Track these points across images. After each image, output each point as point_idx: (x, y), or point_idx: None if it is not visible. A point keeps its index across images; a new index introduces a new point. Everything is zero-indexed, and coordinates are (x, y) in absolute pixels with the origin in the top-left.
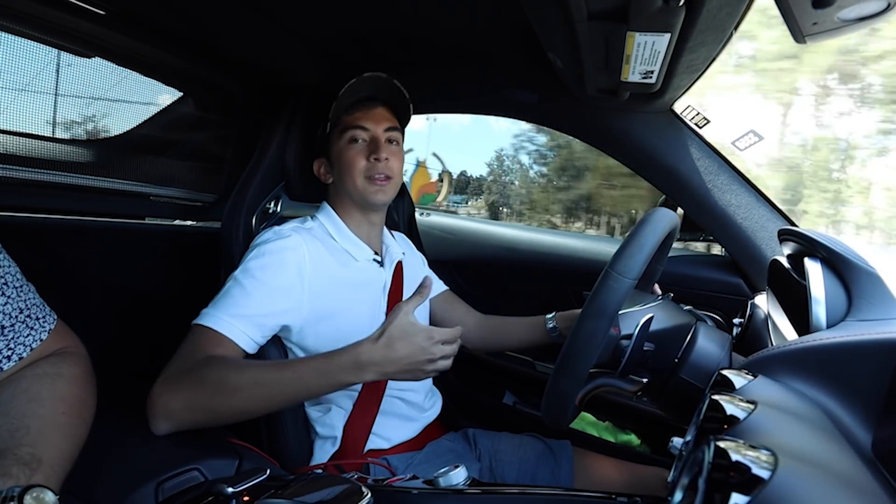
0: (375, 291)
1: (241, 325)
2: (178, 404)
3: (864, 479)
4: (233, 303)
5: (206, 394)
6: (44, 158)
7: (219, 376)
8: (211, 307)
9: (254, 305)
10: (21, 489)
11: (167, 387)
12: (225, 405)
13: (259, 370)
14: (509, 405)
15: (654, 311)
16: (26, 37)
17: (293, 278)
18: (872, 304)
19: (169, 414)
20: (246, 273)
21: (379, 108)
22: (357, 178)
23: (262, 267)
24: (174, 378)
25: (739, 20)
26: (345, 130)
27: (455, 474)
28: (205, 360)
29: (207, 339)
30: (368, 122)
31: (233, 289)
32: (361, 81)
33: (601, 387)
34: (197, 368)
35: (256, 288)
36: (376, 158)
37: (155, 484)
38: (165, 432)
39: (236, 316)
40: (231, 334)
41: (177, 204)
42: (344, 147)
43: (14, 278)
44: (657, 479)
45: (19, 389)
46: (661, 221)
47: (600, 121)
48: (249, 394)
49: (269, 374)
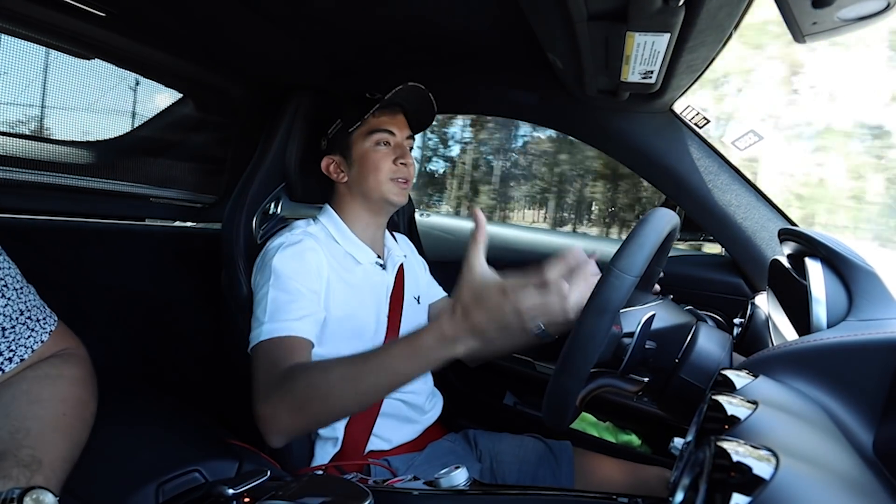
0: (378, 294)
1: (307, 324)
2: (281, 418)
3: (865, 479)
4: (287, 308)
5: (301, 402)
6: (44, 160)
7: (307, 383)
8: (268, 322)
9: (306, 304)
10: (21, 491)
11: (267, 407)
12: (323, 409)
13: (343, 367)
14: (510, 406)
15: (656, 309)
16: (26, 38)
17: (315, 278)
18: (873, 304)
19: (276, 428)
20: (280, 279)
21: (401, 115)
22: (382, 179)
23: (293, 270)
24: (266, 396)
25: (739, 20)
26: (372, 132)
27: (456, 475)
28: (288, 371)
29: (285, 348)
30: (394, 126)
31: (278, 298)
32: (406, 90)
33: (602, 387)
34: (284, 381)
35: (298, 288)
36: (403, 163)
37: (156, 485)
38: (281, 444)
39: (299, 318)
40: (305, 334)
41: (177, 205)
42: (370, 148)
43: (14, 280)
44: (658, 480)
45: (20, 391)
46: (662, 220)
47: (600, 121)
48: (342, 392)
49: (354, 369)
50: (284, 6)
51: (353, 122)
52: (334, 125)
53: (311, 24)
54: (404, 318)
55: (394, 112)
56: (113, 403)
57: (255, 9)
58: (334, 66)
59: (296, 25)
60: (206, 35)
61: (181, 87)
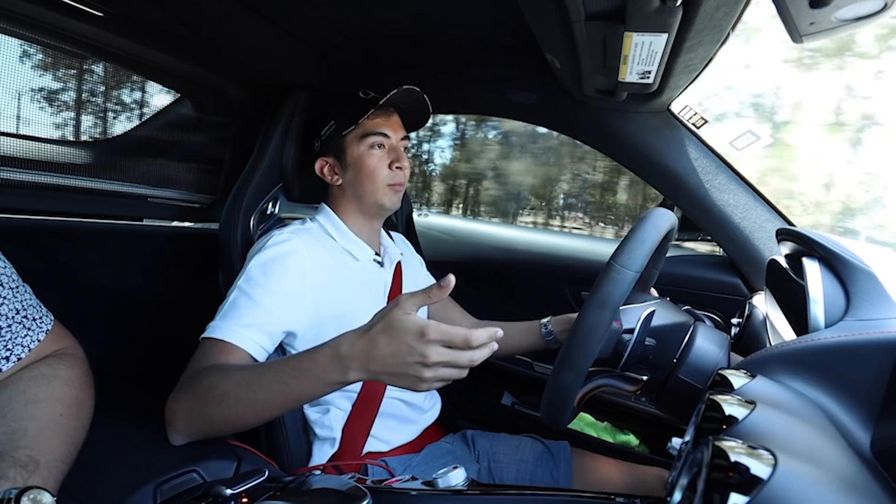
0: (377, 292)
1: (251, 333)
2: (180, 415)
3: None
4: (239, 312)
5: (199, 402)
6: (41, 160)
7: (209, 382)
8: (218, 319)
9: (261, 313)
10: (18, 491)
11: (172, 403)
12: (217, 413)
13: (242, 374)
14: (508, 406)
15: (655, 307)
16: (24, 38)
17: (296, 282)
18: (870, 304)
19: (175, 425)
20: (249, 281)
21: (395, 116)
22: (378, 185)
23: (266, 274)
24: (175, 392)
25: (736, 20)
26: (366, 135)
27: (454, 475)
28: (201, 371)
29: (217, 350)
30: (389, 128)
31: (238, 299)
32: (401, 93)
33: (600, 386)
34: (193, 380)
35: (262, 295)
36: (399, 167)
37: (154, 485)
38: (180, 443)
39: (246, 325)
40: (241, 343)
41: (174, 205)
42: (365, 152)
43: (10, 279)
44: (656, 480)
45: (17, 391)
46: (662, 219)
47: (598, 121)
48: (235, 398)
49: (251, 377)
50: (282, 6)
51: (348, 126)
52: (327, 126)
53: (308, 23)
54: None
55: (388, 113)
56: (110, 403)
57: (252, 9)
58: (332, 65)
59: (293, 25)
60: (204, 35)
61: (179, 86)
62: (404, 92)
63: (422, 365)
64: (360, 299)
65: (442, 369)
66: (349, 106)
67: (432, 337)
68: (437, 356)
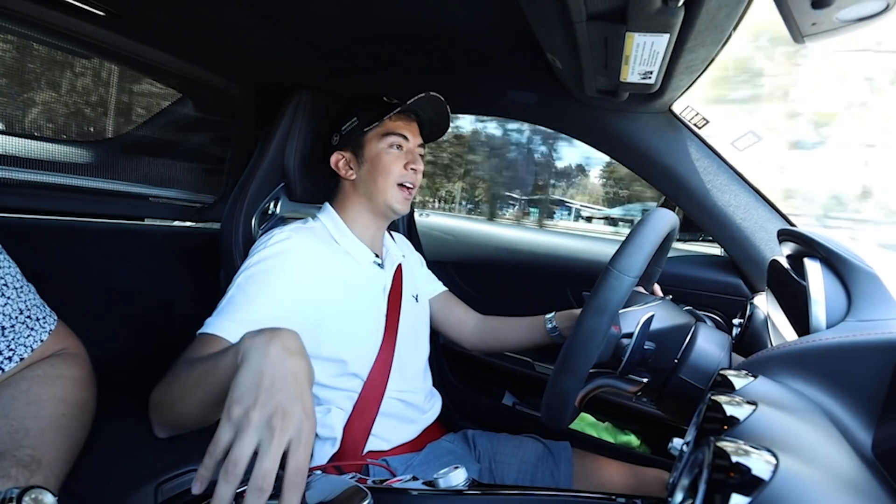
0: (376, 293)
1: (243, 327)
2: (152, 406)
3: (864, 480)
4: (236, 308)
5: (166, 390)
6: (43, 160)
7: (174, 373)
8: (215, 315)
9: (258, 309)
10: (20, 490)
11: (154, 394)
12: (177, 402)
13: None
14: (509, 406)
15: (655, 310)
16: (25, 38)
17: (296, 279)
18: (872, 305)
19: (151, 417)
20: (248, 278)
21: (415, 123)
22: (390, 182)
23: (264, 270)
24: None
25: (738, 21)
26: (387, 134)
27: (455, 475)
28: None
29: (207, 344)
30: (409, 132)
31: (236, 295)
32: (427, 99)
33: (601, 387)
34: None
35: (259, 292)
36: (413, 169)
37: (155, 485)
38: (163, 436)
39: (238, 320)
40: (230, 336)
41: (176, 205)
42: (383, 150)
43: (14, 279)
44: (657, 480)
45: (19, 391)
46: (661, 221)
47: (600, 121)
48: (184, 386)
49: (198, 364)
50: (283, 6)
51: (371, 122)
52: (349, 122)
53: (309, 23)
54: (402, 317)
55: (409, 119)
56: (112, 403)
57: (254, 9)
58: (333, 66)
59: (294, 25)
60: (206, 35)
61: (180, 86)
62: (428, 99)
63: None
64: (359, 300)
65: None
66: (373, 105)
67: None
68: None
